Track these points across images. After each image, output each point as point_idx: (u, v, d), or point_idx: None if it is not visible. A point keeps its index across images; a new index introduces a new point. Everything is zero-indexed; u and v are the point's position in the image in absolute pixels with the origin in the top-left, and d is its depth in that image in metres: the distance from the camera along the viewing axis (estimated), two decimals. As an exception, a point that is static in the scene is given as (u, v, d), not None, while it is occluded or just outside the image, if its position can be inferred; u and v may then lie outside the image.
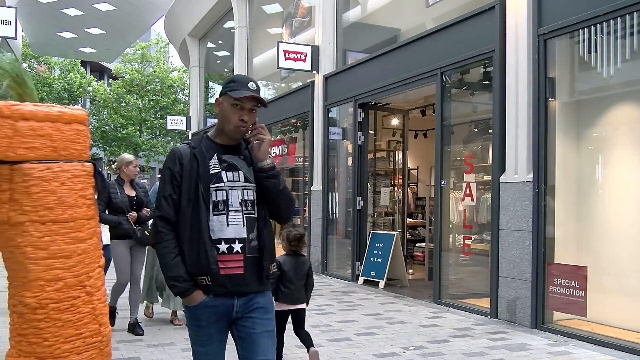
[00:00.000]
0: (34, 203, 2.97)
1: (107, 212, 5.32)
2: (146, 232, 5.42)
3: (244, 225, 2.34)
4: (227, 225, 2.32)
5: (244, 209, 2.35)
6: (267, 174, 2.38)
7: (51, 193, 3.01)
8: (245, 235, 2.33)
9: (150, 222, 5.38)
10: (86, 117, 3.26)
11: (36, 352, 3.00)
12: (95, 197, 3.49)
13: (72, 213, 3.08)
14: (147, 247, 5.73)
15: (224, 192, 2.33)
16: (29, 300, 2.99)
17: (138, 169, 5.69)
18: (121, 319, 5.67)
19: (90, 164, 3.24)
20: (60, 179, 3.05)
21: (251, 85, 2.34)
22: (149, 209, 5.52)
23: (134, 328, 5.40)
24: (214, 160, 2.36)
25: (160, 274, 5.65)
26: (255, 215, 2.38)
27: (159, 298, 6.02)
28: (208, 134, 2.45)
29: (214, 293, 2.34)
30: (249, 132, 2.39)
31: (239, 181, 2.37)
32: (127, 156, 5.70)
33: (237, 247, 2.32)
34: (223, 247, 2.30)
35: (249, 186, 2.38)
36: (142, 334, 5.33)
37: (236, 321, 2.47)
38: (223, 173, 2.35)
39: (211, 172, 2.34)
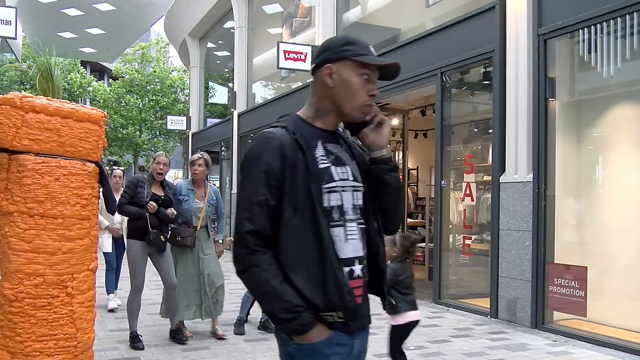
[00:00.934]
0: (24, 195, 2.97)
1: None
2: (161, 237, 4.99)
3: (361, 240, 1.74)
4: (346, 240, 1.69)
5: (356, 217, 1.74)
6: (389, 165, 1.82)
7: (43, 187, 2.99)
8: (362, 254, 1.74)
9: (171, 226, 5.16)
10: (101, 118, 3.27)
11: (8, 346, 2.98)
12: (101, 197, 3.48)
13: (62, 210, 3.04)
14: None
15: (338, 194, 1.70)
16: (6, 292, 2.97)
17: (166, 167, 5.24)
18: (121, 319, 5.65)
19: (92, 164, 3.23)
20: (55, 174, 3.03)
21: (373, 50, 1.75)
22: (175, 212, 5.08)
23: (176, 335, 5.08)
24: (320, 151, 1.72)
25: (185, 284, 5.18)
26: (365, 226, 1.77)
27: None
28: (299, 113, 1.80)
29: (344, 328, 1.68)
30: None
31: (348, 179, 1.73)
32: (157, 153, 5.45)
33: (357, 269, 1.71)
34: (345, 270, 1.67)
35: (358, 187, 1.76)
36: (186, 341, 5.03)
37: None
38: (332, 169, 1.71)
39: (320, 166, 1.69)
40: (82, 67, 29.54)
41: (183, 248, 5.16)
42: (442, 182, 7.18)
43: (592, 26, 5.30)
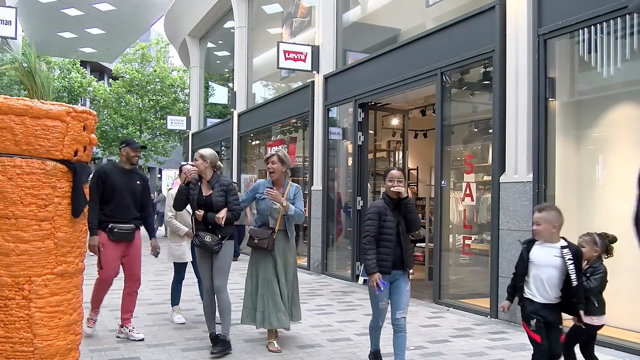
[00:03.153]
0: None
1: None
2: (207, 238, 4.67)
3: None
4: None
5: None
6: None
7: None
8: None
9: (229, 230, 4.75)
10: (63, 114, 3.05)
11: None
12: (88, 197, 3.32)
13: (13, 210, 2.93)
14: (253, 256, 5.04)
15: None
16: None
17: (199, 163, 4.82)
18: (118, 318, 5.65)
19: (55, 162, 3.05)
20: (9, 173, 2.92)
21: None
22: (222, 216, 4.65)
23: (217, 341, 4.72)
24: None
25: (263, 289, 4.89)
26: None
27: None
28: None
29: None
30: None
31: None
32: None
33: None
34: None
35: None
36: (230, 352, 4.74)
37: None
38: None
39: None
40: (82, 67, 29.55)
41: (262, 251, 4.89)
42: (442, 182, 7.19)
43: (592, 26, 5.30)
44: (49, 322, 3.03)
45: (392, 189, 4.09)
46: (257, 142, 14.55)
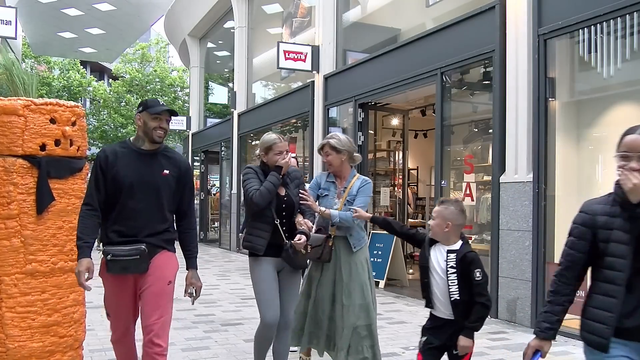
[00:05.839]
0: None
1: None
2: (302, 250, 3.56)
3: None
4: None
5: None
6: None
7: None
8: None
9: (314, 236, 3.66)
10: (19, 108, 2.95)
11: None
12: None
13: None
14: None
15: None
16: None
17: (291, 157, 3.74)
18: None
19: (17, 158, 2.97)
20: None
21: None
22: (306, 220, 3.65)
23: None
24: None
25: (319, 308, 3.79)
26: None
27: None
28: None
29: None
30: None
31: None
32: (268, 137, 3.72)
33: None
34: None
35: None
36: None
37: None
38: None
39: None
40: (82, 67, 29.55)
41: (318, 263, 3.80)
42: (442, 182, 7.19)
43: (592, 26, 5.30)
44: (20, 323, 2.94)
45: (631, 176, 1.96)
46: (257, 142, 14.55)
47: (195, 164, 18.04)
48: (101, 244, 3.06)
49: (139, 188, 3.01)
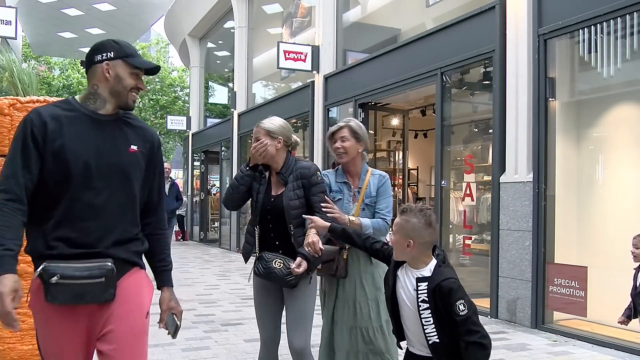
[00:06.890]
0: None
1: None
2: (278, 262, 2.86)
3: None
4: None
5: None
6: None
7: None
8: None
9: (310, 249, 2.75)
10: (4, 107, 2.88)
11: None
12: None
13: None
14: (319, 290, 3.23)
15: None
16: None
17: (276, 142, 3.11)
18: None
19: (4, 158, 2.87)
20: None
21: None
22: (301, 265, 2.80)
23: None
24: None
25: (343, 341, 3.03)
26: None
27: None
28: None
29: None
30: None
31: None
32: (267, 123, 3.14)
33: None
34: None
35: None
36: None
37: None
38: None
39: None
40: (82, 67, 29.58)
41: (330, 279, 3.13)
42: (442, 182, 7.18)
43: (592, 26, 5.30)
44: None
45: None
46: (257, 142, 14.54)
47: (196, 164, 18.05)
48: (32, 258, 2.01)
49: (98, 172, 1.99)
